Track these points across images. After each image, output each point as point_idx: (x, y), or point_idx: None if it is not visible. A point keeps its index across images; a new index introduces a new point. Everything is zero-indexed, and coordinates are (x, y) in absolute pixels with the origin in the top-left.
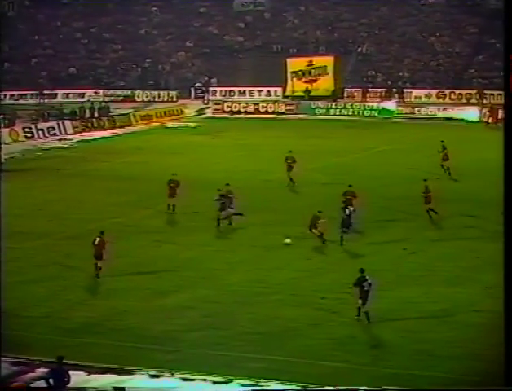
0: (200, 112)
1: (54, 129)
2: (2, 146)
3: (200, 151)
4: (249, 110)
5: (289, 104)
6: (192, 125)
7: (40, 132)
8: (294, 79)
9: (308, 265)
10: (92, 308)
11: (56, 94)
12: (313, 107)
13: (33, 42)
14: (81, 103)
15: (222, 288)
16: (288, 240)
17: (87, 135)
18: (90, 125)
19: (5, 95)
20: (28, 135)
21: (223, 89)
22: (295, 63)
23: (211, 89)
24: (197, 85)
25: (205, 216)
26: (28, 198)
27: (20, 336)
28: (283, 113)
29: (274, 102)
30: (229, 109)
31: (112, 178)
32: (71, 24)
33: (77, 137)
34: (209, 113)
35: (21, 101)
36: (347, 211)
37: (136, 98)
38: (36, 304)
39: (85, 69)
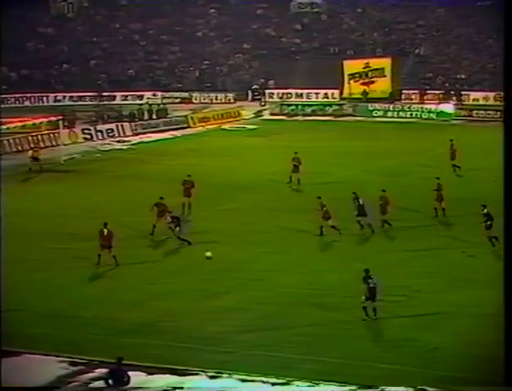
0: (258, 114)
1: (112, 130)
2: (62, 147)
3: (257, 153)
4: (306, 112)
5: (347, 106)
6: (249, 127)
7: (99, 134)
8: (351, 81)
9: (360, 268)
10: (145, 309)
11: (115, 96)
12: (370, 109)
13: (92, 44)
14: (140, 105)
15: (274, 290)
16: (208, 254)
17: (145, 137)
18: (148, 126)
19: (64, 97)
20: (87, 137)
21: (280, 91)
22: (352, 65)
23: (268, 91)
24: (254, 87)
25: (258, 218)
26: (83, 199)
27: (75, 337)
28: (340, 115)
29: (331, 104)
30: (286, 111)
31: (167, 180)
32: (129, 26)
33: (136, 139)
34: (266, 115)
35: (80, 103)
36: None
37: (194, 101)
38: (88, 305)
39: (143, 71)
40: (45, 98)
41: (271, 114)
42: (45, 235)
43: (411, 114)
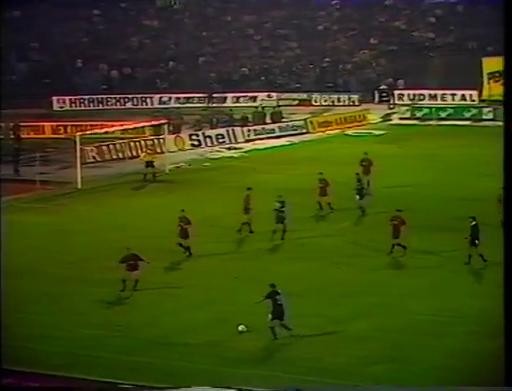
0: (386, 117)
1: (223, 136)
2: (168, 154)
3: (385, 162)
4: (441, 116)
5: (486, 110)
6: (376, 132)
7: (208, 139)
8: (491, 81)
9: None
10: (259, 336)
11: (226, 98)
12: None
13: (201, 39)
14: (253, 107)
15: (406, 317)
16: (241, 327)
17: (259, 143)
18: (262, 132)
19: (170, 98)
20: (195, 143)
21: (411, 92)
22: (492, 63)
23: (397, 92)
24: (382, 87)
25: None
26: (190, 213)
27: (177, 366)
28: (479, 120)
29: (469, 107)
30: (418, 115)
31: (283, 191)
32: (242, 19)
33: (248, 145)
34: (395, 119)
35: (188, 105)
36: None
37: (313, 103)
38: (196, 330)
39: (257, 69)
40: (148, 100)
41: (401, 118)
42: (150, 253)
43: None
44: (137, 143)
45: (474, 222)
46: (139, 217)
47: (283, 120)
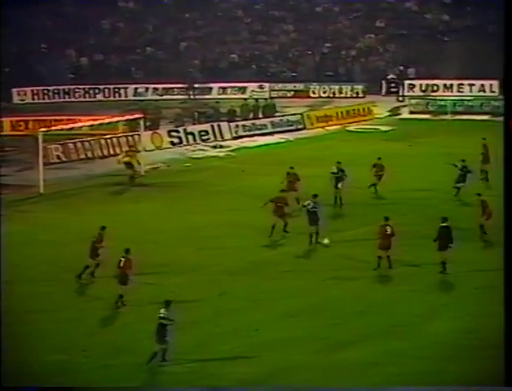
0: (394, 111)
1: (207, 133)
2: (144, 153)
3: (394, 163)
4: (455, 109)
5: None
6: (383, 128)
7: (190, 137)
8: None
9: None
10: (253, 362)
11: (211, 89)
12: None
13: (183, 21)
14: (242, 99)
15: (423, 339)
16: (326, 241)
17: (248, 141)
18: (252, 128)
19: (147, 89)
20: (175, 141)
21: (424, 82)
22: None
23: (408, 82)
24: (390, 77)
25: (405, 247)
26: (170, 221)
27: None
28: (501, 114)
29: (489, 99)
30: (431, 108)
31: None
32: None
33: (236, 143)
34: (405, 113)
35: (167, 97)
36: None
37: (311, 94)
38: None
39: (247, 56)
40: (122, 91)
41: (412, 112)
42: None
43: None
44: (108, 141)
45: (444, 224)
46: (113, 225)
47: (276, 114)
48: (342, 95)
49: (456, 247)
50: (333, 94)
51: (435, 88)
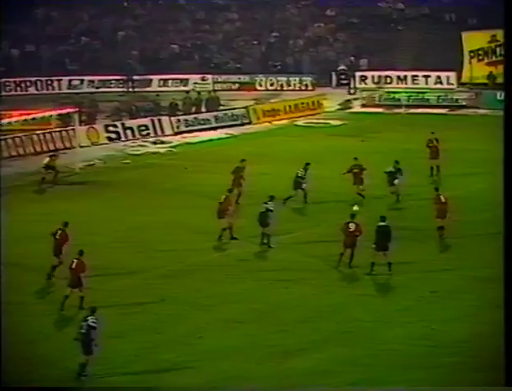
0: (345, 104)
1: (147, 128)
2: (78, 149)
3: (346, 159)
4: (410, 103)
5: (467, 95)
6: (333, 122)
7: (128, 132)
8: (473, 60)
9: (497, 317)
10: (195, 371)
11: (150, 81)
12: (499, 98)
13: (121, 9)
14: (184, 92)
15: (375, 347)
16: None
17: (191, 136)
18: (194, 122)
19: (82, 81)
20: (113, 136)
21: (376, 73)
22: (474, 39)
23: (359, 73)
24: (341, 68)
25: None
26: (108, 222)
27: None
28: (459, 107)
29: (446, 92)
30: (384, 101)
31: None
32: None
33: (178, 139)
34: (357, 107)
35: (103, 89)
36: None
37: (257, 87)
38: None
39: (189, 46)
40: (56, 84)
41: (364, 105)
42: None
43: None
44: (41, 136)
45: (382, 223)
46: (46, 226)
47: (220, 108)
48: (290, 88)
49: (411, 248)
50: (281, 86)
51: (389, 80)
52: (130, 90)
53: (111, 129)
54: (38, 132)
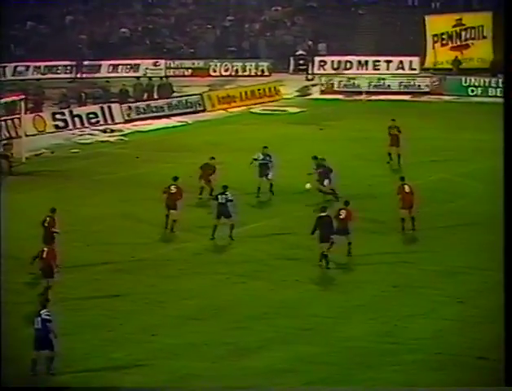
0: (303, 91)
1: (96, 115)
2: (24, 138)
3: (304, 148)
4: (371, 89)
5: (430, 81)
6: (291, 110)
7: (76, 120)
8: (437, 45)
9: (459, 313)
10: (150, 371)
11: (100, 66)
12: (464, 84)
13: None
14: (135, 78)
15: (335, 344)
16: (308, 185)
17: (142, 124)
18: (146, 110)
19: (27, 67)
20: (60, 124)
21: (336, 58)
22: (438, 23)
23: (318, 58)
24: (299, 53)
25: (306, 241)
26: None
27: None
28: (422, 93)
29: (408, 77)
30: (343, 87)
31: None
32: None
33: (129, 127)
34: (315, 93)
35: (50, 75)
36: None
37: (212, 72)
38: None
39: (140, 31)
40: (0, 70)
41: (323, 92)
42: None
43: None
44: None
45: (323, 214)
46: None
47: (173, 94)
48: (246, 73)
49: (372, 241)
50: (236, 72)
51: (349, 65)
52: (79, 76)
53: (58, 117)
54: None
